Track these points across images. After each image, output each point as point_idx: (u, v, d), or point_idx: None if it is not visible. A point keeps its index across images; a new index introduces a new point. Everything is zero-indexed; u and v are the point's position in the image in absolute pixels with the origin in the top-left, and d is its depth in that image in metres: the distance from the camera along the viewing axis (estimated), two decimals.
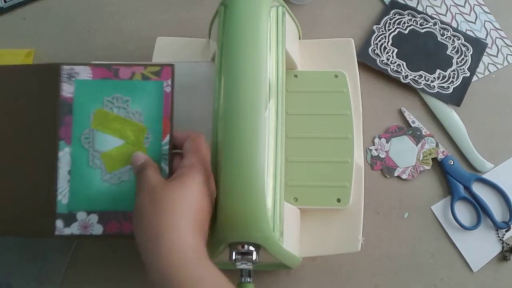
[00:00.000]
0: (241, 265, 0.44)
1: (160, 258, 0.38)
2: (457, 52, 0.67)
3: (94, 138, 0.46)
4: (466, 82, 0.65)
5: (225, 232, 0.43)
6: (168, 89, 0.47)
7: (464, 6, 0.70)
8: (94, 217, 0.45)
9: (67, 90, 0.46)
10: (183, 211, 0.39)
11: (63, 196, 0.45)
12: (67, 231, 0.44)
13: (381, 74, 0.66)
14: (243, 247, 0.43)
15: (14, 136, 0.46)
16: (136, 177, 0.43)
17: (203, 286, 0.37)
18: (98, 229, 0.44)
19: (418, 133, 0.63)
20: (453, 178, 0.61)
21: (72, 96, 0.46)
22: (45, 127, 0.45)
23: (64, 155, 0.45)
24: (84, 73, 0.46)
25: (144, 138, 0.46)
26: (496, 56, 0.68)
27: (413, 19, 0.69)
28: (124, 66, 0.47)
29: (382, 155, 0.62)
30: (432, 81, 0.65)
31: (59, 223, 0.44)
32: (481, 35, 0.69)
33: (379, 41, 0.67)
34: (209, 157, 0.44)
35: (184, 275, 0.37)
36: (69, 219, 0.44)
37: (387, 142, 0.63)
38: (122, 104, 0.46)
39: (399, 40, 0.67)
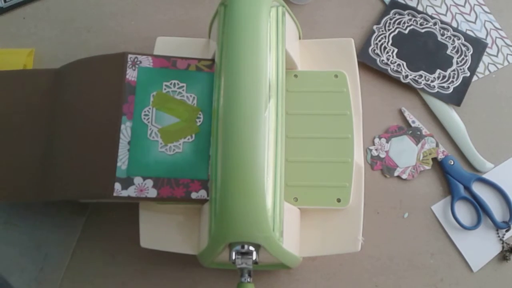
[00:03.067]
0: (241, 265, 0.44)
1: None
2: (457, 52, 0.67)
3: (153, 115, 0.52)
4: (466, 82, 0.65)
5: (225, 232, 0.43)
6: None
7: (464, 6, 0.70)
8: (149, 182, 0.50)
9: (131, 74, 0.53)
10: None
11: (122, 163, 0.50)
12: (124, 193, 0.49)
13: (381, 74, 0.66)
14: (243, 247, 0.43)
15: (84, 112, 0.53)
16: None
17: None
18: (152, 193, 0.50)
19: (418, 133, 0.63)
20: (453, 178, 0.61)
21: (135, 80, 0.53)
22: (112, 104, 0.52)
23: (126, 128, 0.51)
24: (146, 61, 0.53)
25: (196, 117, 0.52)
26: (496, 56, 0.68)
27: (413, 19, 0.69)
28: (181, 58, 0.54)
29: (382, 155, 0.62)
30: (432, 81, 0.65)
31: (117, 186, 0.49)
32: (481, 35, 0.69)
33: (379, 41, 0.67)
34: None
35: None
36: (127, 183, 0.50)
37: (387, 142, 0.63)
38: (179, 89, 0.53)
39: (399, 40, 0.67)
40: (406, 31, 0.68)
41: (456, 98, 0.64)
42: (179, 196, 0.50)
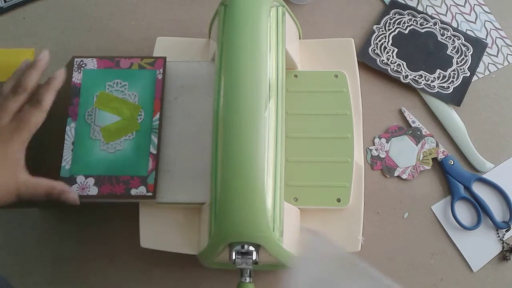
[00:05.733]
0: (241, 265, 0.44)
1: None
2: (457, 52, 0.67)
3: (96, 115, 0.54)
4: (466, 82, 0.65)
5: (225, 232, 0.43)
6: (160, 77, 0.56)
7: (464, 6, 0.70)
8: (91, 180, 0.52)
9: (76, 77, 0.56)
10: None
11: (66, 162, 0.53)
12: None
13: (381, 74, 0.66)
14: (243, 247, 0.43)
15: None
16: None
17: None
18: (93, 190, 0.52)
19: (418, 133, 0.63)
20: (453, 178, 0.61)
21: (80, 82, 0.55)
22: (61, 108, 0.54)
23: (70, 129, 0.54)
24: (91, 64, 0.56)
25: (138, 115, 0.54)
26: (496, 56, 0.68)
27: (413, 19, 0.69)
28: (124, 58, 0.56)
29: (382, 155, 0.62)
30: (432, 81, 0.65)
31: None
32: (481, 35, 0.69)
33: (379, 41, 0.67)
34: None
35: None
36: (70, 181, 0.52)
37: (387, 142, 0.63)
38: (121, 88, 0.55)
39: (399, 40, 0.67)
40: (406, 31, 0.68)
41: (456, 98, 0.64)
42: (119, 192, 0.52)
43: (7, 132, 0.47)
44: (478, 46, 0.67)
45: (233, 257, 0.43)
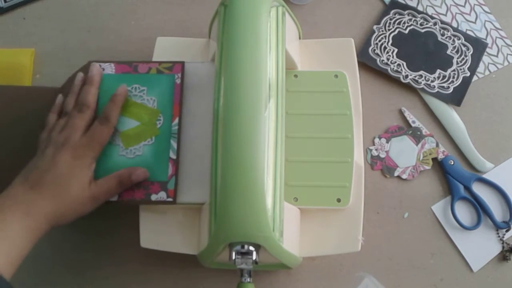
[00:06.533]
0: (241, 265, 0.44)
1: None
2: (457, 52, 0.67)
3: None
4: (466, 82, 0.65)
5: (225, 232, 0.43)
6: (178, 81, 0.55)
7: (464, 6, 0.70)
8: None
9: None
10: None
11: None
12: None
13: (381, 74, 0.66)
14: (243, 247, 0.43)
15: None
16: None
17: None
18: (114, 196, 0.52)
19: (418, 133, 0.63)
20: (453, 178, 0.61)
21: (98, 86, 0.55)
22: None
23: None
24: (109, 69, 0.56)
25: (156, 119, 0.54)
26: (496, 56, 0.68)
27: (413, 19, 0.69)
28: (141, 62, 0.56)
29: (382, 155, 0.62)
30: (432, 81, 0.65)
31: None
32: (481, 35, 0.69)
33: (379, 41, 0.67)
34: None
35: None
36: None
37: (387, 142, 0.63)
38: (139, 93, 0.55)
39: (399, 40, 0.67)
40: (406, 31, 0.68)
41: (456, 98, 0.64)
42: (139, 198, 0.52)
43: (80, 148, 0.50)
44: (478, 46, 0.67)
45: (233, 257, 0.43)
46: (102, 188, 0.50)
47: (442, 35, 0.68)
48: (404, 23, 0.68)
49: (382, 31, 0.68)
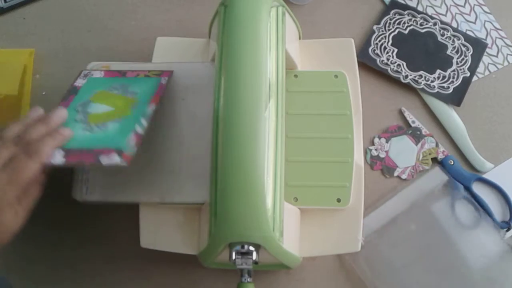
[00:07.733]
0: (241, 265, 0.44)
1: None
2: (457, 52, 0.67)
3: (87, 105, 0.53)
4: (466, 82, 0.65)
5: (225, 232, 0.43)
6: (164, 82, 0.54)
7: (464, 6, 0.70)
8: (60, 152, 0.47)
9: (79, 82, 0.55)
10: None
11: None
12: None
13: (381, 74, 0.66)
14: (243, 247, 0.43)
15: None
16: None
17: None
18: (59, 160, 0.46)
19: (418, 133, 0.63)
20: (453, 178, 0.61)
21: (81, 85, 0.55)
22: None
23: None
24: (98, 73, 0.56)
25: (132, 106, 0.52)
26: (496, 56, 0.68)
27: (413, 19, 0.69)
28: (131, 71, 0.56)
29: (382, 155, 0.62)
30: (432, 81, 0.65)
31: None
32: (481, 35, 0.69)
33: (379, 41, 0.67)
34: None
35: None
36: None
37: (387, 142, 0.63)
38: (121, 87, 0.55)
39: (399, 40, 0.67)
40: (406, 31, 0.68)
41: (456, 98, 0.64)
42: (87, 161, 0.47)
43: None
44: (478, 46, 0.67)
45: (233, 257, 0.43)
46: (26, 200, 0.45)
47: (442, 35, 0.68)
48: (404, 23, 0.68)
49: (382, 31, 0.68)
